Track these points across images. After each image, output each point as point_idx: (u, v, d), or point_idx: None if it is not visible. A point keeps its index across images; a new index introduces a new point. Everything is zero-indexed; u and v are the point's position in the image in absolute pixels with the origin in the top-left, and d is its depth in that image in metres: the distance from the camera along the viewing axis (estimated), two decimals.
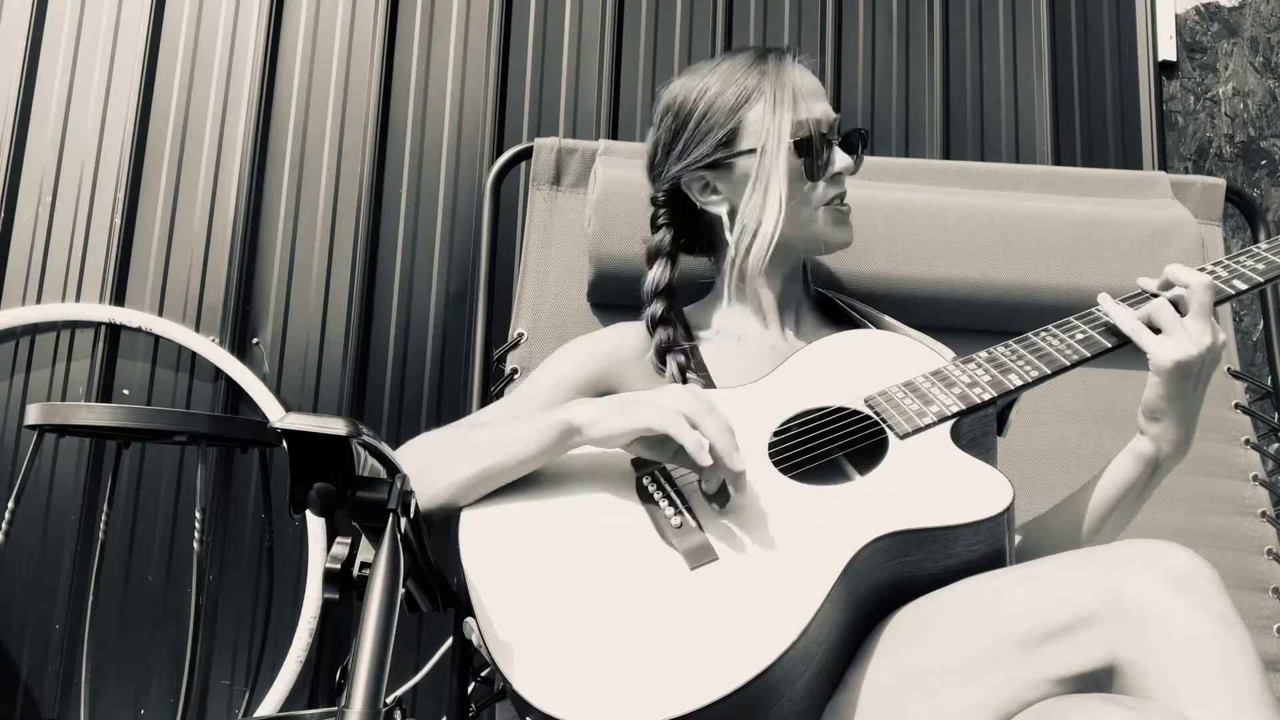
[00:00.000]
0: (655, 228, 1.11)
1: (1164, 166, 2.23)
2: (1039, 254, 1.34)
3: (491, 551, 0.84)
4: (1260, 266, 0.93)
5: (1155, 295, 0.92)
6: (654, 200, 1.12)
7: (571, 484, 0.89)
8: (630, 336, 1.09)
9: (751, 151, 1.02)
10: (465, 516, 0.87)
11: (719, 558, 0.79)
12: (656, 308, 1.07)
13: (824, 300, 1.19)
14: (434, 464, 0.89)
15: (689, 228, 1.13)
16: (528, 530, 0.85)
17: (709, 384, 1.03)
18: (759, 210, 1.02)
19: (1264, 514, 1.33)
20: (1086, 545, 0.94)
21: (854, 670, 0.77)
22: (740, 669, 0.69)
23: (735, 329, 1.10)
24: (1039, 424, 1.34)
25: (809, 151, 1.02)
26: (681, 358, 1.03)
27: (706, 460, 0.79)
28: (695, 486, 0.87)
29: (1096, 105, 2.26)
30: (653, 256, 1.10)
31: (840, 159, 1.04)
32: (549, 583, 0.80)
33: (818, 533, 0.80)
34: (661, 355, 1.04)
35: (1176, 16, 2.32)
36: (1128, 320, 0.90)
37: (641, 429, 0.82)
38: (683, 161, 1.07)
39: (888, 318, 1.14)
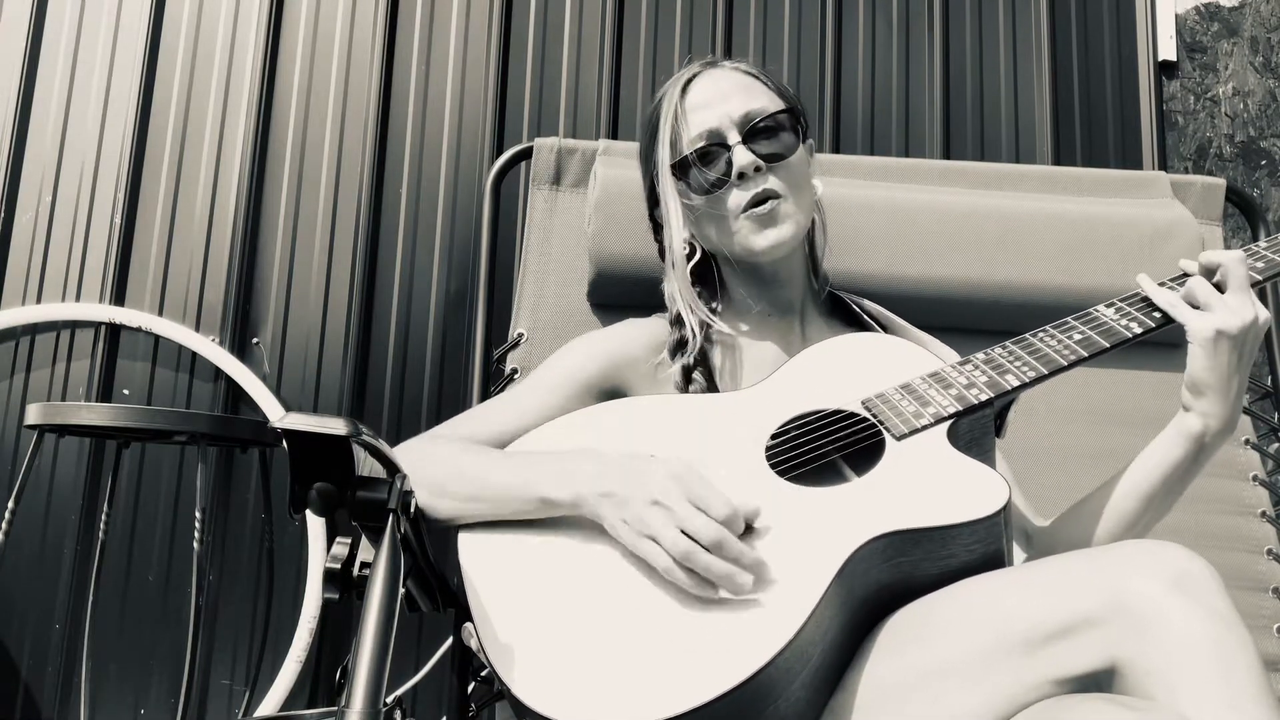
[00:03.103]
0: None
1: (1164, 166, 2.23)
2: (1039, 253, 1.34)
3: (489, 557, 0.84)
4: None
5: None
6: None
7: None
8: (637, 335, 1.09)
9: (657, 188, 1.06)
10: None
11: None
12: (675, 308, 1.08)
13: (835, 301, 1.18)
14: (422, 489, 0.89)
15: None
16: (525, 535, 0.86)
17: (711, 387, 1.03)
18: (669, 242, 1.06)
19: (1264, 514, 1.33)
20: (1126, 532, 0.93)
21: (853, 671, 0.77)
22: (734, 670, 0.69)
23: (740, 331, 1.10)
24: (1036, 424, 1.34)
25: (686, 172, 1.02)
26: (688, 361, 1.03)
27: (679, 580, 0.77)
28: None
29: (1096, 105, 2.26)
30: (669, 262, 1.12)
31: (740, 158, 0.99)
32: (545, 587, 0.80)
33: (814, 534, 0.80)
34: (674, 355, 1.05)
35: (1176, 16, 2.32)
36: (1165, 296, 0.90)
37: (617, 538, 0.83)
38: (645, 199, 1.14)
39: (898, 319, 1.14)
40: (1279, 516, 1.33)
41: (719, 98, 1.03)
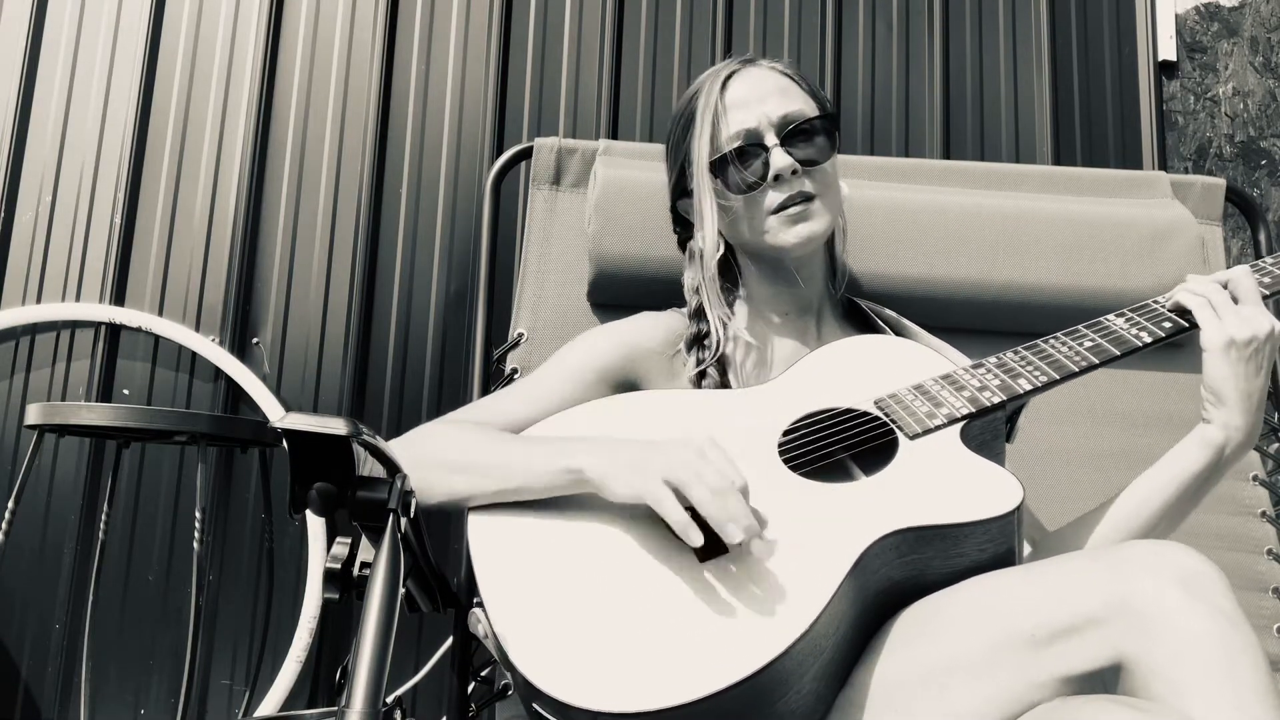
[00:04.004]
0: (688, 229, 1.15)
1: (1164, 166, 2.23)
2: (1039, 254, 1.34)
3: (501, 543, 0.84)
4: None
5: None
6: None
7: None
8: (653, 327, 1.09)
9: (690, 182, 1.06)
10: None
11: (729, 552, 0.80)
12: (694, 302, 1.08)
13: (851, 305, 1.19)
14: (440, 467, 0.90)
15: None
16: (538, 522, 0.86)
17: (724, 384, 1.04)
18: (699, 237, 1.05)
19: (1264, 514, 1.33)
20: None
21: (862, 667, 0.77)
22: (748, 659, 0.69)
23: (757, 329, 1.11)
24: (1039, 424, 1.34)
25: (724, 170, 1.02)
26: (705, 356, 1.04)
27: (693, 540, 0.76)
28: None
29: (1096, 105, 2.26)
30: (691, 255, 1.12)
31: (777, 161, 1.00)
32: (558, 573, 0.80)
33: (828, 529, 0.80)
34: (690, 349, 1.05)
35: (1176, 16, 2.32)
36: (1193, 300, 0.92)
37: (637, 501, 0.81)
38: (670, 190, 1.14)
39: (914, 326, 1.15)
40: (1279, 516, 1.33)
41: (757, 98, 1.03)
